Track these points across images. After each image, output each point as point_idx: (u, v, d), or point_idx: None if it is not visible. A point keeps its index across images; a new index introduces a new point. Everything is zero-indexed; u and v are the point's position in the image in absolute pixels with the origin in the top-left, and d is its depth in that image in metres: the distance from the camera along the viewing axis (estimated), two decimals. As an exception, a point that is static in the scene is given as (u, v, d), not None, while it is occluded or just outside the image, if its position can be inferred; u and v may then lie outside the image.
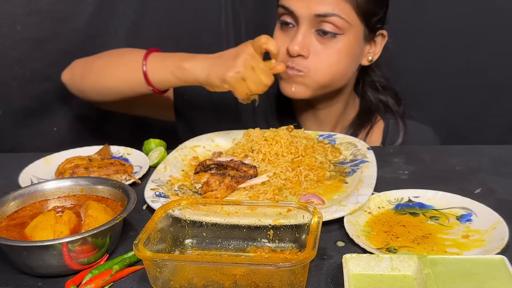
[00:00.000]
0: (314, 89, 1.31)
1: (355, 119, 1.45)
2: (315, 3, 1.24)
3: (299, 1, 1.26)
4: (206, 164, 1.10)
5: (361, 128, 1.43)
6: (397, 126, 1.44)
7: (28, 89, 1.53)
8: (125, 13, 1.63)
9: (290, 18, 1.29)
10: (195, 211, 0.90)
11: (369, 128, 1.44)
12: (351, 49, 1.30)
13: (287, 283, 0.75)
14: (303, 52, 1.26)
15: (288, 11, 1.28)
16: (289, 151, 1.14)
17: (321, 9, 1.24)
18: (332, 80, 1.31)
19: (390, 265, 0.78)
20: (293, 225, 0.87)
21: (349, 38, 1.28)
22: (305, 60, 1.27)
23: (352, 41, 1.29)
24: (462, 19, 1.70)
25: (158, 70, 1.26)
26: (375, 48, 1.38)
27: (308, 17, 1.25)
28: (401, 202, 1.01)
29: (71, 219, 0.87)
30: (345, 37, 1.27)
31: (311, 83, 1.29)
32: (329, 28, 1.25)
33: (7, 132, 1.55)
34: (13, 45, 1.48)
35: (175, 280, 0.77)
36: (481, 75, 1.75)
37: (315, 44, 1.27)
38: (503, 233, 0.86)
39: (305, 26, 1.26)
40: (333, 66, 1.29)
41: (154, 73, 1.27)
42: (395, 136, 1.43)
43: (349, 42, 1.28)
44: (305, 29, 1.27)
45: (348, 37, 1.28)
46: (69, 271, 0.83)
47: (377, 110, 1.46)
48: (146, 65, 1.27)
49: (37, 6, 1.48)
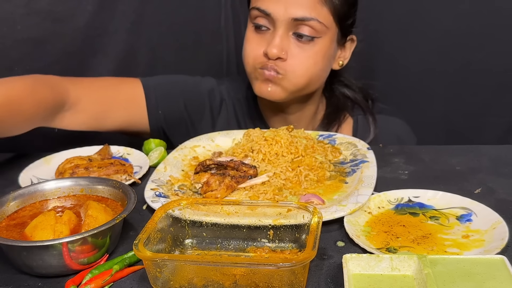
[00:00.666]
0: (290, 92, 1.32)
1: (323, 119, 1.46)
2: (293, 7, 1.24)
3: (277, 5, 1.25)
4: (206, 164, 1.10)
5: (329, 127, 1.44)
6: (367, 121, 1.45)
7: (28, 89, 1.53)
8: (125, 13, 1.62)
9: (265, 21, 1.29)
10: (195, 211, 0.90)
11: (337, 126, 1.45)
12: (327, 52, 1.31)
13: (287, 283, 0.75)
14: (281, 55, 1.26)
15: (265, 14, 1.27)
16: (289, 151, 1.14)
17: (299, 13, 1.24)
18: (308, 83, 1.32)
19: (390, 265, 0.78)
20: (293, 225, 0.87)
21: (325, 41, 1.29)
22: (283, 62, 1.28)
23: (328, 44, 1.30)
24: (462, 19, 1.70)
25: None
26: (345, 53, 1.39)
27: (285, 20, 1.25)
28: (401, 202, 1.01)
29: (71, 219, 0.87)
30: (322, 40, 1.28)
31: (288, 86, 1.30)
32: (307, 31, 1.26)
33: (7, 132, 1.54)
34: (13, 45, 1.47)
35: (175, 280, 0.77)
36: (481, 75, 1.75)
37: (293, 47, 1.28)
38: (503, 233, 0.86)
39: (283, 29, 1.27)
40: (310, 69, 1.29)
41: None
42: (366, 132, 1.44)
43: (325, 45, 1.29)
44: (283, 32, 1.27)
45: (324, 40, 1.28)
46: (69, 271, 0.83)
47: (344, 107, 1.46)
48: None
49: (37, 6, 1.48)
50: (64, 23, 1.53)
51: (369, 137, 1.42)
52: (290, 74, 1.29)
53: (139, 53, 1.69)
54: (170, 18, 1.70)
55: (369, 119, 1.45)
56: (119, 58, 1.62)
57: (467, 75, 1.76)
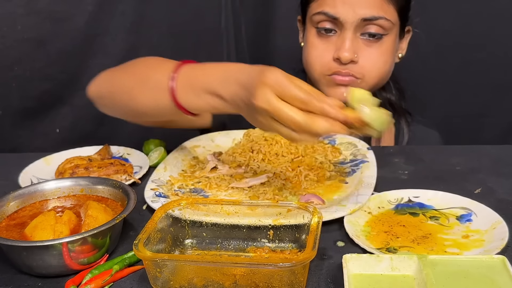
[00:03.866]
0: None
1: None
2: (361, 8, 1.23)
3: (344, 7, 1.24)
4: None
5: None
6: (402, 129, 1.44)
7: (28, 89, 1.53)
8: (125, 13, 1.63)
9: (331, 24, 1.27)
10: (195, 211, 0.89)
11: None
12: (393, 49, 1.31)
13: (287, 283, 0.75)
14: (354, 58, 1.25)
15: (332, 18, 1.25)
16: (289, 151, 1.14)
17: (368, 13, 1.23)
18: (380, 82, 1.32)
19: (390, 265, 0.78)
20: (293, 225, 0.87)
21: (392, 38, 1.28)
22: (356, 65, 1.26)
23: (393, 40, 1.29)
24: (462, 20, 1.70)
25: (191, 99, 0.99)
26: (402, 44, 1.38)
27: (355, 22, 1.23)
28: (401, 202, 1.01)
29: (71, 219, 0.87)
30: (389, 37, 1.27)
31: (364, 87, 1.27)
32: (375, 30, 1.24)
33: (7, 132, 1.55)
34: (13, 45, 1.48)
35: (175, 280, 0.77)
36: (481, 75, 1.75)
37: (363, 48, 1.26)
38: (503, 233, 0.86)
39: (351, 31, 1.25)
40: (382, 68, 1.29)
41: (189, 104, 1.00)
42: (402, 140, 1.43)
43: (392, 42, 1.29)
44: (352, 34, 1.25)
45: (391, 36, 1.28)
46: (69, 271, 0.83)
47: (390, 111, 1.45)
48: (177, 95, 0.99)
49: (37, 6, 1.48)
50: (64, 23, 1.53)
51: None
52: (367, 76, 1.27)
53: (139, 53, 1.68)
54: (170, 18, 1.70)
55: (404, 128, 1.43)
56: (119, 58, 1.61)
57: (467, 75, 1.76)
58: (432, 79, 1.79)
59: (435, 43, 1.73)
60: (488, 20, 1.69)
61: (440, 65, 1.76)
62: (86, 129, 1.68)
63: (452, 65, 1.76)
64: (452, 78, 1.77)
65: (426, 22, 1.71)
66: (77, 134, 1.65)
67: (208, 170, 1.15)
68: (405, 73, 1.71)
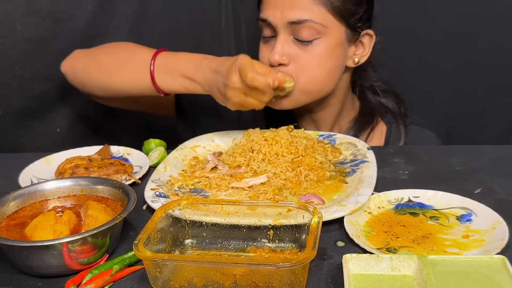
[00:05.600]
0: (297, 98, 1.28)
1: (356, 121, 1.44)
2: (288, 10, 1.24)
3: (273, 11, 1.26)
4: None
5: (362, 130, 1.42)
6: (398, 129, 1.44)
7: (28, 89, 1.53)
8: (125, 13, 1.63)
9: (269, 30, 1.29)
10: (195, 211, 0.90)
11: (369, 130, 1.43)
12: (332, 52, 1.28)
13: (287, 283, 0.75)
14: (282, 60, 1.25)
15: (266, 22, 1.28)
16: (289, 151, 1.14)
17: (294, 16, 1.23)
18: (314, 86, 1.29)
19: (390, 265, 0.78)
20: (293, 225, 0.87)
21: (328, 41, 1.26)
22: (286, 68, 1.26)
23: (332, 44, 1.27)
24: (461, 19, 1.70)
25: (166, 80, 1.26)
26: (362, 50, 1.35)
27: (283, 25, 1.25)
28: (401, 202, 1.01)
29: (71, 219, 0.87)
30: (324, 40, 1.26)
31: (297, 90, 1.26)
32: (305, 33, 1.24)
33: (7, 132, 1.55)
34: (13, 45, 1.48)
35: (175, 280, 0.77)
36: (481, 75, 1.75)
37: (294, 50, 1.26)
38: (503, 233, 0.86)
39: (283, 35, 1.26)
40: (314, 70, 1.27)
41: (163, 82, 1.27)
42: (396, 140, 1.43)
43: (329, 45, 1.27)
44: (283, 37, 1.26)
45: (327, 39, 1.26)
46: (69, 271, 0.83)
47: (376, 112, 1.45)
48: (154, 73, 1.26)
49: (37, 6, 1.48)
50: (64, 23, 1.53)
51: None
52: (296, 79, 1.26)
53: (139, 53, 1.69)
54: (170, 19, 1.70)
55: (401, 128, 1.43)
56: (119, 58, 1.62)
57: (467, 75, 1.76)
58: (432, 79, 1.79)
59: (435, 43, 1.73)
60: (488, 20, 1.68)
61: (440, 65, 1.76)
62: (86, 129, 1.67)
63: (451, 65, 1.75)
64: (452, 78, 1.77)
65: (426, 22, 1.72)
66: (77, 134, 1.65)
67: (208, 170, 1.15)
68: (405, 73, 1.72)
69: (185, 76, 1.23)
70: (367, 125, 1.43)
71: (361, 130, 1.42)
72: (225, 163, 1.16)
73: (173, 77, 1.25)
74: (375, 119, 1.45)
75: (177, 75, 1.24)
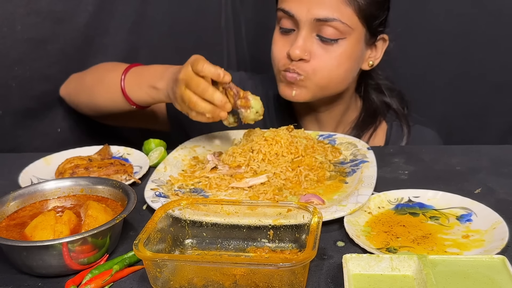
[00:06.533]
0: (314, 92, 1.30)
1: (358, 121, 1.44)
2: (316, 7, 1.23)
3: (300, 5, 1.25)
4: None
5: (364, 130, 1.42)
6: (401, 128, 1.43)
7: (28, 89, 1.53)
8: (125, 13, 1.62)
9: (290, 23, 1.28)
10: (195, 211, 0.90)
11: (372, 130, 1.43)
12: (353, 54, 1.29)
13: (287, 283, 0.75)
14: (304, 56, 1.25)
15: (288, 15, 1.27)
16: (289, 151, 1.14)
17: (321, 13, 1.23)
18: (331, 84, 1.30)
19: (390, 265, 0.78)
20: (293, 225, 0.87)
21: (351, 42, 1.27)
22: (306, 63, 1.26)
23: (353, 45, 1.28)
24: (462, 20, 1.70)
25: (135, 91, 1.30)
26: (376, 53, 1.37)
27: (308, 21, 1.24)
28: (401, 202, 1.01)
29: (71, 219, 0.87)
30: (347, 41, 1.26)
31: (311, 86, 1.29)
32: (330, 32, 1.24)
33: (7, 132, 1.54)
34: (13, 45, 1.47)
35: (175, 280, 0.77)
36: (481, 75, 1.75)
37: (316, 48, 1.26)
38: (503, 233, 0.86)
39: (306, 30, 1.25)
40: (334, 70, 1.28)
41: (132, 93, 1.30)
42: (398, 139, 1.42)
43: (351, 46, 1.27)
44: (306, 33, 1.26)
45: (349, 41, 1.27)
46: (69, 271, 0.83)
47: (380, 112, 1.45)
48: (124, 86, 1.31)
49: (37, 6, 1.48)
50: (64, 23, 1.53)
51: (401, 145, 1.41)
52: (311, 75, 1.27)
53: (139, 53, 1.69)
54: (170, 18, 1.70)
55: (404, 127, 1.43)
56: (119, 58, 1.61)
57: (467, 75, 1.76)
58: (433, 79, 1.79)
59: (436, 44, 1.73)
60: (488, 20, 1.68)
61: (440, 65, 1.76)
62: (86, 129, 1.67)
63: (452, 65, 1.75)
64: (452, 78, 1.77)
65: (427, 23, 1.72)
66: (77, 134, 1.65)
67: (208, 170, 1.15)
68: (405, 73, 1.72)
69: (150, 85, 1.25)
70: (370, 125, 1.43)
71: (364, 129, 1.43)
72: (225, 163, 1.16)
73: (140, 88, 1.28)
74: (378, 119, 1.45)
75: (144, 85, 1.27)
